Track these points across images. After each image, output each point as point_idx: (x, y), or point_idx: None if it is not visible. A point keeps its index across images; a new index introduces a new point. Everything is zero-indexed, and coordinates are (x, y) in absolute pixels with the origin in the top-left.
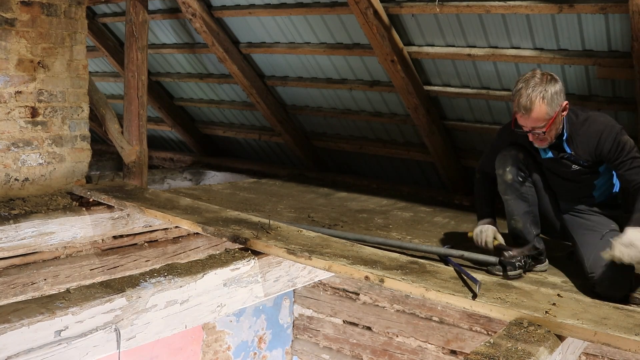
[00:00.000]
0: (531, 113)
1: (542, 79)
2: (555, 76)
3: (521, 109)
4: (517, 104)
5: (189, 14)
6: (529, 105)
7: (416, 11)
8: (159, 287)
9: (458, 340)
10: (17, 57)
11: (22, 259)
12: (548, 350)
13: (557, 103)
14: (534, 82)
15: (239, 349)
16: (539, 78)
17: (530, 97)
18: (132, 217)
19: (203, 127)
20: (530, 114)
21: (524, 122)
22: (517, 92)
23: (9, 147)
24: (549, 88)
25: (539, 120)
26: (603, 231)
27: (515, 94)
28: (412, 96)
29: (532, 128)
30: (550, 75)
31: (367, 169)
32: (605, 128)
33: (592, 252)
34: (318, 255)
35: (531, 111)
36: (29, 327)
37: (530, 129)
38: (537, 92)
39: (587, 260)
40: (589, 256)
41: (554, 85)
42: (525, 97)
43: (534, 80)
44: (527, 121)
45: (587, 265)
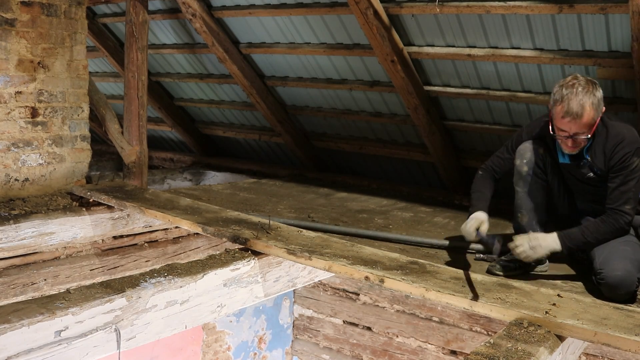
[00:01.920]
0: (582, 119)
1: (588, 85)
2: (596, 81)
3: (571, 114)
4: (565, 109)
5: (189, 14)
6: (581, 111)
7: (416, 11)
8: (159, 287)
9: (458, 341)
10: (17, 57)
11: (22, 259)
12: (548, 350)
13: (601, 108)
14: (582, 87)
15: (239, 349)
16: (584, 83)
17: (582, 102)
18: (132, 218)
19: (203, 128)
20: (580, 120)
21: (570, 127)
22: (565, 98)
23: (9, 148)
24: (596, 94)
25: (586, 125)
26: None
27: (562, 99)
28: (412, 96)
29: (576, 133)
30: (593, 81)
31: (367, 169)
32: (623, 140)
33: (605, 250)
34: (318, 255)
35: (582, 117)
36: (29, 327)
37: (574, 134)
38: (587, 97)
39: (599, 257)
40: (600, 254)
41: (599, 90)
42: (577, 103)
43: (581, 86)
44: (574, 126)
45: (597, 261)
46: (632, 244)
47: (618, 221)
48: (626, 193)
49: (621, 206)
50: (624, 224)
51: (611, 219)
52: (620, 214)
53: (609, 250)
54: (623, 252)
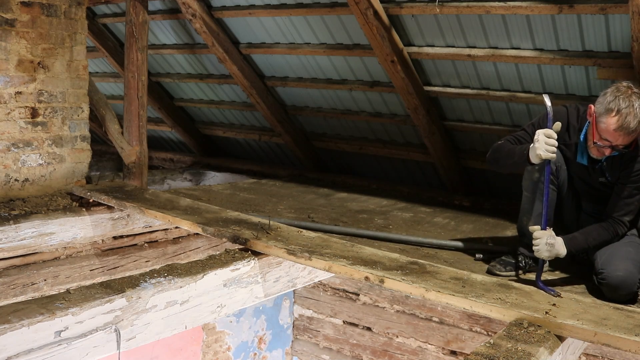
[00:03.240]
0: (634, 134)
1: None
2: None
3: (625, 129)
4: (619, 123)
5: (189, 14)
6: (636, 127)
7: (416, 12)
8: (159, 287)
9: (458, 341)
10: (17, 57)
11: (22, 260)
12: (548, 350)
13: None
14: (638, 102)
15: (239, 350)
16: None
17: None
18: (132, 218)
19: (203, 128)
20: (631, 135)
21: (618, 139)
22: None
23: (9, 148)
24: None
25: (633, 139)
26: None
27: (619, 111)
28: (412, 97)
29: (618, 145)
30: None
31: (367, 170)
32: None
33: (606, 251)
34: (318, 255)
35: (635, 132)
36: (29, 328)
37: (616, 145)
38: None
39: (601, 257)
40: (602, 254)
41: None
42: (633, 118)
43: (637, 101)
44: (621, 139)
45: (599, 262)
46: (634, 244)
47: (617, 231)
48: (630, 205)
49: (622, 217)
50: (621, 233)
51: (612, 227)
52: (620, 225)
53: (611, 251)
54: (625, 253)
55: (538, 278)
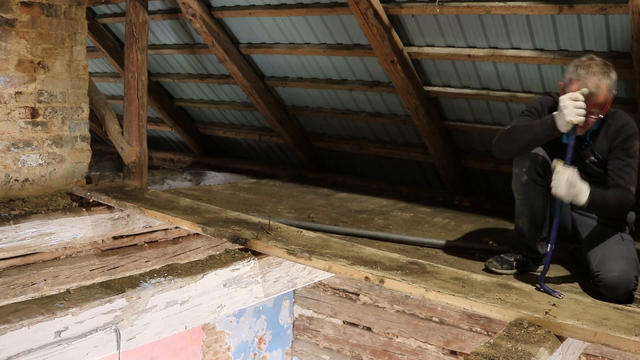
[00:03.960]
0: (597, 97)
1: (604, 65)
2: (610, 63)
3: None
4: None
5: (189, 14)
6: (597, 90)
7: (416, 12)
8: (159, 287)
9: (458, 341)
10: (17, 57)
11: (22, 260)
12: (548, 350)
13: (614, 90)
14: (597, 67)
15: (239, 350)
16: (601, 63)
17: (598, 82)
18: (132, 218)
19: (203, 128)
20: (596, 98)
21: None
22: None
23: (9, 148)
24: (611, 74)
25: (599, 105)
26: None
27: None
28: (412, 97)
29: (589, 112)
30: (607, 62)
31: (367, 170)
32: (627, 124)
33: (599, 251)
34: (318, 255)
35: (597, 96)
36: (29, 328)
37: (589, 112)
38: (603, 77)
39: (594, 259)
40: (596, 255)
41: (614, 71)
42: (593, 81)
43: (597, 66)
44: (588, 105)
45: (594, 263)
46: (625, 242)
47: (629, 199)
48: (629, 173)
49: (630, 185)
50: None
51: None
52: (628, 193)
53: (604, 251)
54: (618, 252)
55: (541, 280)
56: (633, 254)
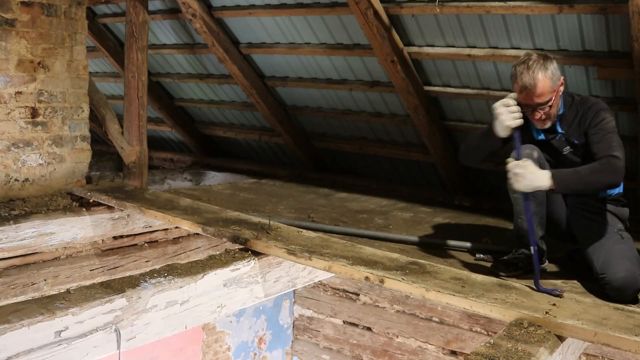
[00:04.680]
0: (536, 89)
1: (539, 58)
2: (548, 54)
3: (527, 87)
4: (520, 83)
5: (189, 14)
6: (534, 82)
7: (416, 12)
8: (159, 287)
9: (458, 341)
10: (17, 57)
11: (22, 260)
12: (548, 350)
13: (557, 77)
14: (532, 61)
15: (239, 350)
16: (536, 57)
17: (534, 74)
18: (132, 218)
19: (203, 128)
20: (535, 90)
21: (529, 100)
22: (519, 73)
23: (9, 148)
24: (548, 65)
25: (543, 95)
26: (611, 230)
27: (517, 76)
28: (412, 96)
29: (537, 104)
30: (546, 55)
31: (367, 170)
32: (595, 103)
33: (601, 253)
34: (318, 255)
35: (536, 87)
36: (29, 328)
37: (536, 106)
38: (538, 68)
39: (597, 262)
40: (598, 257)
41: (552, 61)
42: (529, 75)
43: (531, 60)
44: (532, 98)
45: (597, 266)
46: (625, 240)
47: (612, 164)
48: (610, 140)
49: (610, 151)
50: (618, 168)
51: (605, 161)
52: (613, 158)
53: (606, 252)
54: (620, 252)
55: (537, 282)
56: (634, 252)
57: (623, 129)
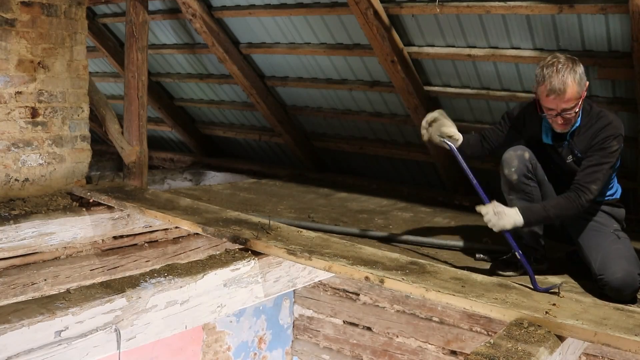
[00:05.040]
0: (565, 94)
1: (568, 62)
2: (576, 58)
3: (555, 91)
4: (548, 87)
5: (189, 14)
6: (564, 87)
7: (416, 12)
8: (159, 287)
9: (458, 341)
10: (17, 57)
11: (22, 260)
12: (548, 350)
13: (584, 82)
14: (561, 64)
15: (239, 350)
16: (564, 60)
17: (564, 78)
18: (132, 218)
19: (203, 128)
20: (564, 95)
21: (556, 104)
22: (547, 76)
23: (9, 148)
24: (577, 69)
25: (571, 100)
26: (607, 231)
27: (545, 78)
28: (412, 96)
29: (563, 110)
30: (573, 58)
31: (367, 170)
32: (610, 123)
33: (599, 254)
34: (318, 255)
35: (565, 92)
36: (29, 328)
37: (561, 111)
38: (568, 72)
39: (595, 262)
40: (595, 258)
41: (580, 65)
42: (558, 80)
43: (560, 63)
44: (560, 103)
45: (595, 267)
46: (622, 240)
47: (580, 198)
48: (597, 173)
49: (589, 184)
50: (585, 201)
51: (574, 194)
52: (584, 192)
53: (603, 253)
54: (617, 252)
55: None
56: (632, 252)
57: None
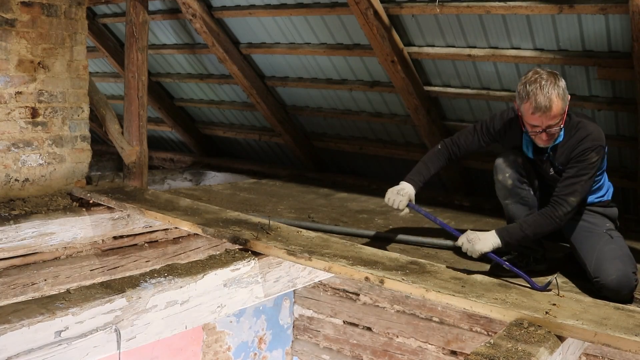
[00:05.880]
0: (551, 111)
1: (550, 77)
2: (556, 72)
3: (541, 109)
4: (533, 105)
5: (189, 14)
6: (549, 104)
7: (416, 12)
8: (159, 287)
9: (458, 341)
10: (17, 57)
11: (22, 260)
12: (548, 350)
13: (567, 97)
14: (544, 80)
15: (239, 350)
16: (546, 76)
17: (549, 95)
18: (132, 218)
19: (203, 128)
20: (550, 112)
21: (541, 121)
22: (531, 94)
23: (9, 148)
24: (560, 84)
25: (557, 116)
26: (600, 231)
27: (529, 95)
28: (412, 97)
29: (548, 126)
30: (554, 72)
31: (367, 170)
32: (588, 135)
33: (593, 255)
34: (318, 256)
35: (551, 109)
36: (29, 328)
37: (546, 127)
38: (552, 89)
39: (590, 265)
40: (590, 260)
41: (561, 79)
42: (543, 97)
43: (543, 79)
44: (545, 120)
45: (590, 269)
46: (615, 239)
47: (557, 210)
48: (575, 185)
49: (566, 196)
50: (562, 214)
51: (551, 208)
52: (561, 204)
53: (597, 255)
54: (611, 253)
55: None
56: (626, 250)
57: (623, 129)
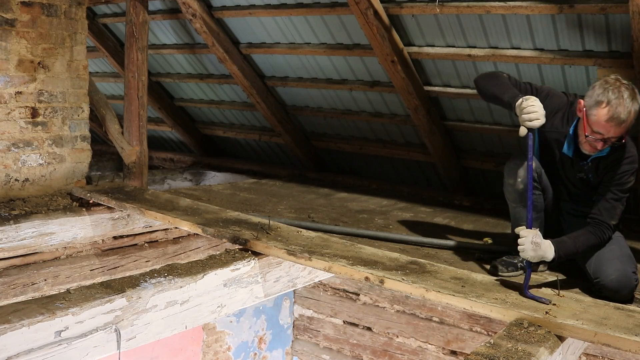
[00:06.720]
0: (626, 124)
1: (631, 90)
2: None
3: (617, 119)
4: (611, 113)
5: (189, 14)
6: (627, 117)
7: (416, 12)
8: (159, 287)
9: (458, 341)
10: (17, 57)
11: (22, 260)
12: (548, 350)
13: None
14: (628, 93)
15: (239, 350)
16: (630, 88)
17: (629, 108)
18: (132, 218)
19: (203, 128)
20: (623, 125)
21: (609, 131)
22: (613, 102)
23: (9, 148)
24: (637, 97)
25: (625, 131)
26: None
27: (610, 102)
28: (412, 97)
29: (612, 137)
30: (634, 87)
31: (368, 170)
32: (630, 157)
33: (592, 257)
34: (318, 256)
35: (626, 122)
36: (29, 328)
37: (609, 138)
38: (633, 104)
39: (590, 266)
40: (590, 261)
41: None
42: (624, 108)
43: (627, 91)
44: (614, 130)
45: (590, 271)
46: (615, 239)
47: (605, 234)
48: (616, 209)
49: (609, 220)
50: (608, 238)
51: (599, 231)
52: (607, 229)
53: (597, 256)
54: (610, 253)
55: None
56: (626, 250)
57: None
